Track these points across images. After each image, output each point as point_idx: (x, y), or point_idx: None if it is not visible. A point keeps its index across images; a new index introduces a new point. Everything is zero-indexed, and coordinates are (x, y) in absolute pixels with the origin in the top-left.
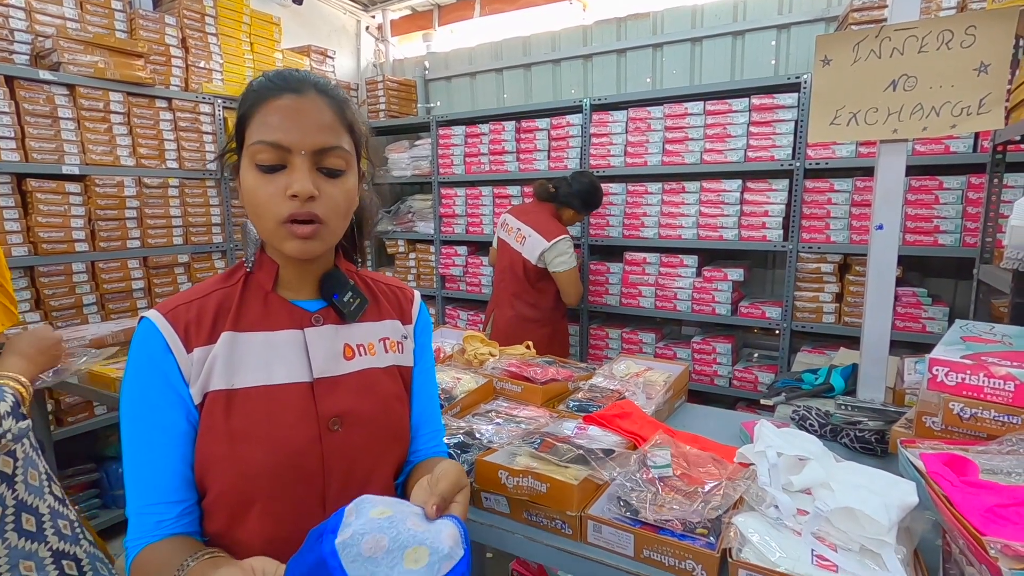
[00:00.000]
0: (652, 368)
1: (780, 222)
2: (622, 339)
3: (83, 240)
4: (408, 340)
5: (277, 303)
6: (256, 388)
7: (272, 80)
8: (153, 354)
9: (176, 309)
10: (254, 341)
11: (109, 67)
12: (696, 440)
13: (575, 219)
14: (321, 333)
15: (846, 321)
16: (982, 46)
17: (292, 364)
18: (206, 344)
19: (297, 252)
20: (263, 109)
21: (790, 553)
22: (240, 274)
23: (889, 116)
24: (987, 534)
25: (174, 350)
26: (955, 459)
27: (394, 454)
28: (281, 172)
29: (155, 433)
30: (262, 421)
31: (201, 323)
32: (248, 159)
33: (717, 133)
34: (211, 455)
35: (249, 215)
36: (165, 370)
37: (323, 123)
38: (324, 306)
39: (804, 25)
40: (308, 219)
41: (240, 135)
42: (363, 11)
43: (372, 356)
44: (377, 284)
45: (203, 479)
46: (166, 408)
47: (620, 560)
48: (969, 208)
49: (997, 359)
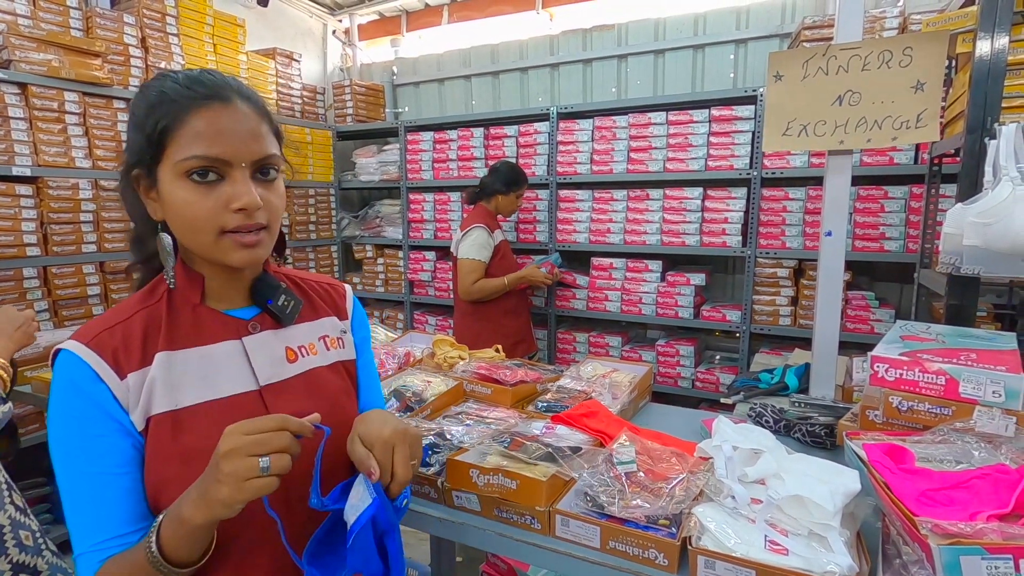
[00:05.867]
0: (618, 369)
1: (739, 228)
2: (589, 342)
3: (35, 244)
4: (347, 334)
5: (208, 316)
6: (203, 404)
7: (192, 88)
8: (82, 386)
9: (99, 336)
10: (191, 358)
11: (64, 66)
12: (659, 437)
13: (509, 204)
14: (260, 340)
15: (801, 323)
16: (918, 66)
17: (236, 375)
18: (140, 368)
19: (245, 262)
20: (189, 119)
21: (745, 539)
22: (162, 290)
23: (836, 129)
24: (920, 515)
25: (105, 379)
26: (894, 448)
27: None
28: (219, 184)
29: (101, 464)
30: (215, 435)
31: (130, 347)
32: (176, 172)
33: (679, 142)
34: (164, 478)
35: (177, 229)
36: (98, 400)
37: (257, 132)
38: (258, 312)
39: (760, 40)
40: (255, 228)
41: (157, 147)
42: (330, 15)
43: (315, 355)
44: (307, 283)
45: (157, 504)
46: (108, 436)
47: (587, 552)
48: (911, 216)
49: (931, 356)
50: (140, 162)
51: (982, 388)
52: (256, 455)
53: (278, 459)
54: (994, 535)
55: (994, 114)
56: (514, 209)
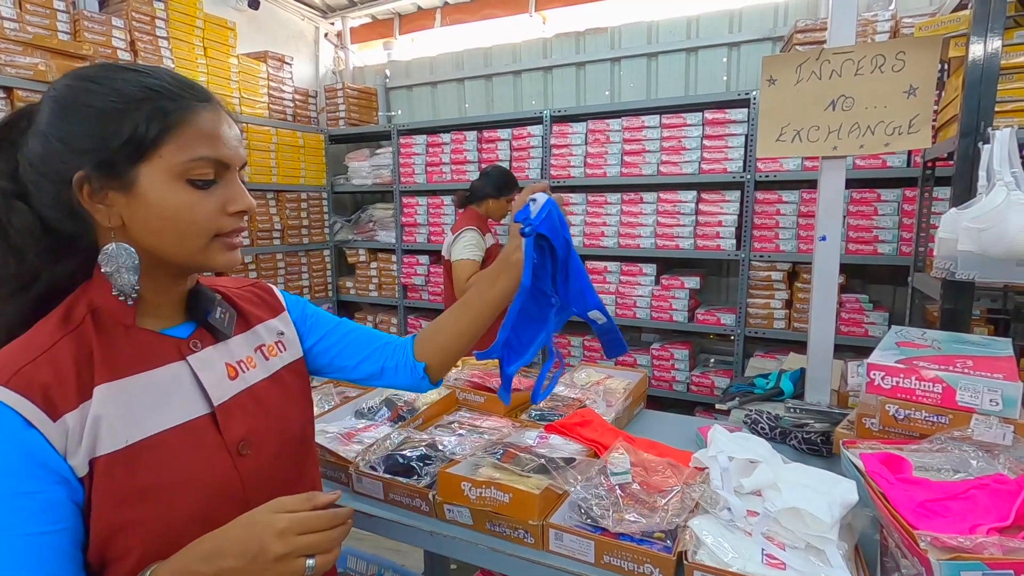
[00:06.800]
0: (612, 376)
1: (733, 232)
2: (584, 346)
3: None
4: (288, 331)
5: (145, 337)
6: (156, 435)
7: (183, 88)
8: (9, 436)
9: (20, 373)
10: (136, 386)
11: (51, 69)
12: (654, 446)
13: (499, 209)
14: (204, 358)
15: (795, 327)
16: (911, 70)
17: (184, 400)
18: (77, 405)
19: (231, 264)
20: (192, 119)
21: (742, 553)
22: (81, 313)
23: (829, 134)
24: (919, 528)
25: (36, 424)
26: (891, 458)
27: (307, 458)
28: (215, 187)
29: (34, 523)
30: (176, 468)
31: (63, 382)
32: (171, 174)
33: (672, 146)
34: (119, 523)
35: (158, 234)
36: (30, 450)
37: (240, 137)
38: (194, 329)
39: (753, 44)
40: (243, 230)
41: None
42: (322, 18)
43: (254, 369)
44: (230, 291)
45: (102, 553)
46: (42, 492)
47: (582, 567)
48: (905, 219)
49: (927, 363)
50: (105, 162)
51: (979, 396)
52: (305, 555)
53: (323, 559)
54: (995, 549)
55: (987, 118)
56: (504, 213)
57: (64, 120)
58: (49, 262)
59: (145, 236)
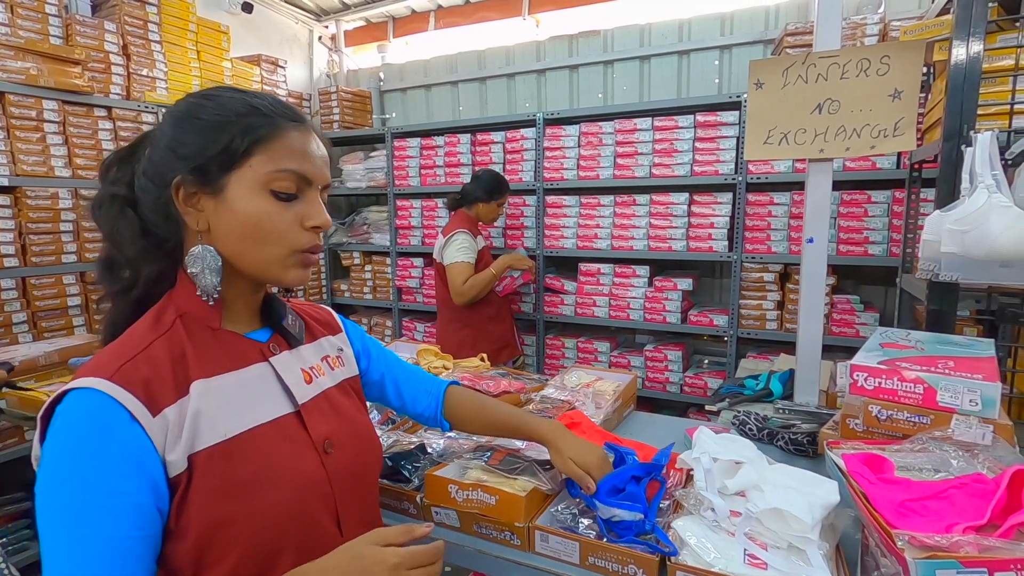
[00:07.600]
0: (602, 378)
1: (725, 233)
2: (577, 348)
3: (12, 255)
4: (345, 348)
5: (231, 339)
6: (250, 431)
7: (279, 108)
8: (116, 431)
9: (123, 369)
10: (228, 384)
11: (43, 74)
12: (642, 448)
13: (490, 212)
14: (284, 361)
15: (787, 328)
16: (895, 74)
17: (271, 398)
18: (175, 400)
19: (301, 280)
20: (285, 134)
21: (724, 553)
22: (171, 317)
23: (816, 137)
24: (897, 527)
25: (139, 418)
26: (873, 458)
27: (376, 460)
28: (295, 202)
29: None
30: (271, 462)
31: (161, 378)
32: (258, 183)
33: (665, 148)
34: (222, 519)
35: (240, 241)
36: (130, 448)
37: (327, 159)
38: (271, 334)
39: (744, 47)
40: (320, 249)
41: (238, 154)
42: (316, 21)
43: (323, 376)
44: (296, 305)
45: (203, 557)
46: (135, 494)
47: (567, 568)
48: (894, 220)
49: (909, 364)
50: (201, 168)
51: (959, 397)
52: None
53: None
54: (970, 548)
55: (970, 122)
56: (495, 217)
57: (176, 130)
58: (143, 263)
59: (228, 242)
